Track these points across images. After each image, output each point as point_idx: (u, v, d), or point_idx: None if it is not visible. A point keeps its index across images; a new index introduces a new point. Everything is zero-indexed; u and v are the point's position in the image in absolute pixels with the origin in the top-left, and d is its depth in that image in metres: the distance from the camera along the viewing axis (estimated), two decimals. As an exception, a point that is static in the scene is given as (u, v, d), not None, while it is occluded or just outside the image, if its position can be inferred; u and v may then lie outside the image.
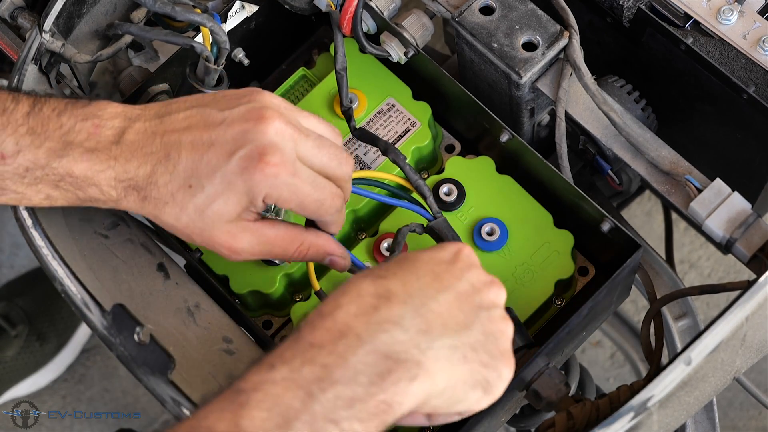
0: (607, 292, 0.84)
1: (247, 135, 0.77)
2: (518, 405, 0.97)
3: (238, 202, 0.77)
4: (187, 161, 0.77)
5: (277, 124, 0.77)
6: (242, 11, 0.98)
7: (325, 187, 0.79)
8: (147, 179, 0.78)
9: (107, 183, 0.79)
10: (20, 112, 0.79)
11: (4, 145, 0.78)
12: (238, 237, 0.79)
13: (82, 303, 0.85)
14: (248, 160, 0.76)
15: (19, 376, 1.72)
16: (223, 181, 0.77)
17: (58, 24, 0.91)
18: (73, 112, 0.79)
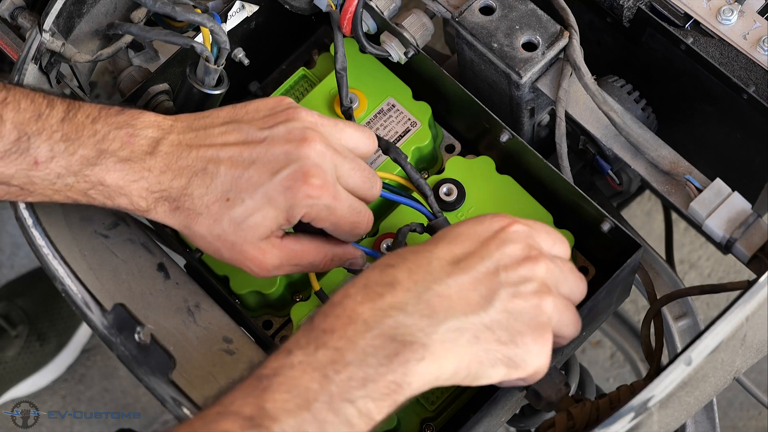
0: (607, 292, 0.84)
1: (291, 155, 0.79)
2: (518, 405, 0.97)
3: (275, 219, 0.79)
4: (227, 175, 0.79)
5: (319, 146, 0.79)
6: (242, 11, 0.98)
7: (360, 211, 0.82)
8: (181, 191, 0.79)
9: (138, 194, 0.80)
10: (55, 117, 0.79)
11: (39, 151, 0.78)
12: (268, 253, 0.81)
13: (83, 302, 0.85)
14: (292, 179, 0.78)
15: (20, 377, 1.72)
16: (264, 196, 0.78)
17: (58, 24, 0.91)
18: (107, 120, 0.80)
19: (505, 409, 0.89)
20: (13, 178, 0.79)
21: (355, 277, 0.73)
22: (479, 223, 0.76)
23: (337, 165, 0.81)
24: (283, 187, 0.78)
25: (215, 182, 0.79)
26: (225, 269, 0.90)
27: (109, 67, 1.01)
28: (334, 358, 0.68)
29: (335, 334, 0.69)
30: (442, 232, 0.76)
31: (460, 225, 0.76)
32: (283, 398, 0.67)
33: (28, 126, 0.78)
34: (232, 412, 0.67)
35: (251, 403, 0.67)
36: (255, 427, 0.66)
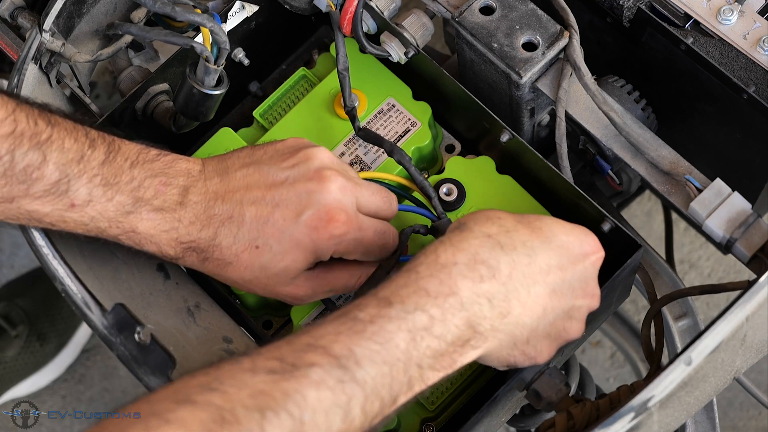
0: (607, 292, 0.84)
1: (312, 196, 0.80)
2: (518, 405, 0.97)
3: (305, 260, 0.81)
4: (252, 223, 0.80)
5: (340, 181, 0.81)
6: (242, 11, 0.98)
7: (385, 231, 0.84)
8: (210, 242, 0.81)
9: (167, 243, 0.81)
10: (96, 160, 0.80)
11: (77, 194, 0.79)
12: (302, 287, 0.83)
13: (83, 302, 0.85)
14: (317, 220, 0.80)
15: (20, 377, 1.72)
16: (291, 241, 0.80)
17: (58, 24, 0.91)
18: (144, 166, 0.81)
19: (505, 409, 0.89)
20: (47, 216, 0.80)
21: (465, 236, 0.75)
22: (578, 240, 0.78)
23: (357, 196, 0.82)
24: (309, 229, 0.80)
25: (242, 230, 0.81)
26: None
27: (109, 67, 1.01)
28: (427, 326, 0.72)
29: (434, 301, 0.72)
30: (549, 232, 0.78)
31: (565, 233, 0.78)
32: (373, 348, 0.70)
33: (70, 168, 0.78)
34: (321, 346, 0.69)
35: (342, 342, 0.69)
36: (341, 367, 0.68)
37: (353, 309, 0.72)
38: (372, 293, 0.73)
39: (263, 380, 0.67)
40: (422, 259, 0.74)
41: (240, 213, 0.81)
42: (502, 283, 0.74)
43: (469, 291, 0.73)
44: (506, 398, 0.84)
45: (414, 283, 0.73)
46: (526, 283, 0.75)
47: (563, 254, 0.77)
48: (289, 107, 0.97)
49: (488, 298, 0.74)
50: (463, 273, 0.74)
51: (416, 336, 0.71)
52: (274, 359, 0.68)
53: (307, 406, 0.66)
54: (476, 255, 0.74)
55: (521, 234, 0.76)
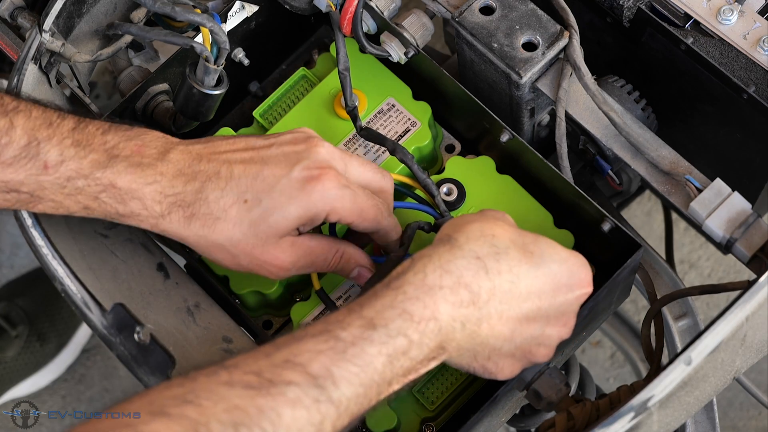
0: (607, 292, 0.84)
1: (301, 154, 0.80)
2: (518, 405, 0.97)
3: (297, 217, 0.79)
4: (241, 177, 0.79)
5: (327, 147, 0.81)
6: (242, 11, 0.98)
7: (378, 204, 0.83)
8: (196, 195, 0.79)
9: (152, 197, 0.79)
10: (66, 126, 0.79)
11: (49, 155, 0.78)
12: (287, 252, 0.81)
13: (82, 302, 0.85)
14: (307, 173, 0.79)
15: (20, 377, 1.72)
16: (282, 194, 0.79)
17: (58, 24, 0.91)
18: (117, 133, 0.80)
19: (505, 409, 0.89)
20: (23, 185, 0.79)
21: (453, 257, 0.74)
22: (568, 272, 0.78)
23: (346, 163, 0.82)
24: (300, 182, 0.79)
25: (230, 184, 0.79)
26: (225, 269, 0.90)
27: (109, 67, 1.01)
28: (405, 350, 0.72)
29: (416, 326, 0.72)
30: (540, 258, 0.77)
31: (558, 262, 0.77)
32: (352, 370, 0.70)
33: (39, 132, 0.78)
34: (299, 363, 0.69)
35: (321, 361, 0.69)
36: (318, 387, 0.68)
37: (335, 327, 0.71)
38: (356, 311, 0.72)
39: (239, 395, 0.66)
40: (410, 278, 0.74)
41: (228, 169, 0.79)
42: (479, 308, 0.74)
43: (448, 316, 0.73)
44: (506, 398, 0.84)
45: (400, 304, 0.72)
46: (500, 308, 0.75)
47: (547, 283, 0.77)
48: (289, 107, 0.97)
49: (462, 321, 0.74)
50: (446, 297, 0.73)
51: (394, 359, 0.71)
52: (252, 374, 0.68)
53: (281, 423, 0.66)
54: (461, 278, 0.74)
55: (510, 258, 0.76)
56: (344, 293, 0.89)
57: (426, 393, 0.86)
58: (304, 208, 0.79)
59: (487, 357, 0.77)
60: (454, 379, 0.86)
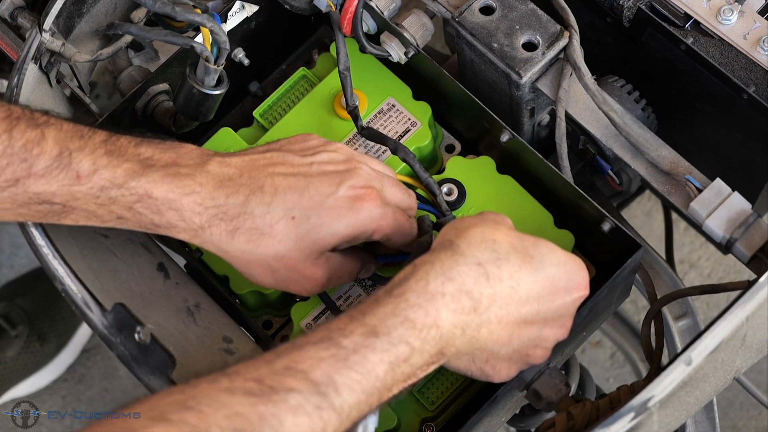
0: (607, 292, 0.84)
1: (344, 174, 0.80)
2: (518, 405, 0.97)
3: (344, 236, 0.79)
4: (287, 193, 0.78)
5: (366, 168, 0.81)
6: (242, 11, 0.98)
7: (408, 220, 0.84)
8: (240, 208, 0.77)
9: (191, 208, 0.77)
10: (98, 138, 0.78)
11: (81, 165, 0.76)
12: (323, 267, 0.81)
13: (83, 302, 0.85)
14: (353, 192, 0.79)
15: (20, 377, 1.72)
16: (331, 212, 0.78)
17: (58, 23, 0.91)
18: (150, 145, 0.79)
19: (505, 409, 0.89)
20: (56, 196, 0.77)
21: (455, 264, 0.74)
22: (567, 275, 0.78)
23: (382, 185, 0.82)
24: (348, 201, 0.79)
25: (276, 200, 0.78)
26: (225, 269, 0.90)
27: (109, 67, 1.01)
28: (407, 357, 0.72)
29: (418, 333, 0.72)
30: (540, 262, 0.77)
31: (557, 265, 0.77)
32: (354, 378, 0.69)
33: (71, 142, 0.77)
34: (301, 370, 0.69)
35: (323, 369, 0.69)
36: (319, 394, 0.68)
37: (337, 334, 0.71)
38: (358, 318, 0.72)
39: (240, 401, 0.66)
40: (413, 285, 0.74)
41: (272, 184, 0.78)
42: (479, 314, 0.74)
43: (449, 322, 0.73)
44: (506, 398, 0.84)
45: (402, 312, 0.72)
46: (500, 313, 0.75)
47: (546, 287, 0.77)
48: (289, 107, 0.97)
49: (463, 327, 0.74)
50: (448, 304, 0.73)
51: (395, 366, 0.72)
52: (253, 381, 0.68)
53: (283, 430, 0.66)
54: (463, 285, 0.74)
55: (511, 264, 0.76)
56: (344, 293, 0.89)
57: (426, 393, 0.86)
58: (353, 227, 0.79)
59: (485, 360, 0.78)
60: (454, 379, 0.86)
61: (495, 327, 0.75)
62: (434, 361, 0.74)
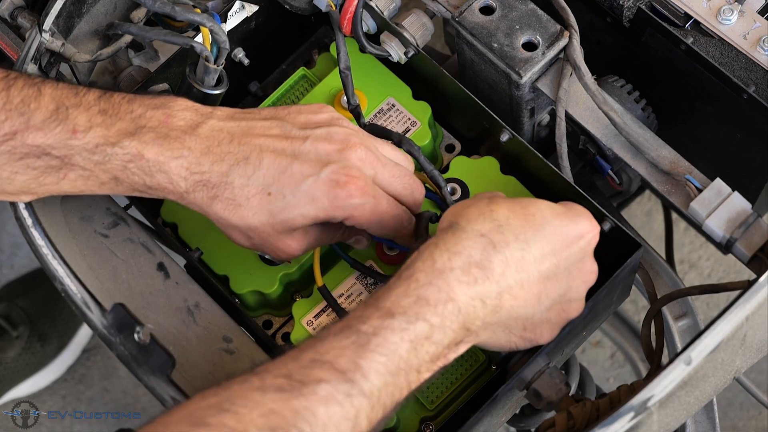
0: (607, 291, 0.84)
1: (332, 156, 0.80)
2: (518, 405, 0.97)
3: (314, 218, 0.80)
4: (269, 168, 0.79)
5: (360, 151, 0.81)
6: (242, 11, 0.98)
7: (400, 214, 0.83)
8: (221, 178, 0.79)
9: (178, 173, 0.79)
10: (92, 96, 0.80)
11: (77, 121, 0.79)
12: (298, 239, 0.82)
13: (82, 302, 0.85)
14: (335, 177, 0.79)
15: (20, 377, 1.72)
16: (307, 194, 0.79)
17: (58, 23, 0.91)
18: (143, 101, 0.81)
19: (505, 409, 0.89)
20: (53, 148, 0.79)
21: (458, 238, 0.75)
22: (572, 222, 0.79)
23: (377, 171, 0.82)
24: (326, 186, 0.79)
25: (257, 174, 0.79)
26: (225, 269, 0.90)
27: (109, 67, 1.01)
28: (428, 334, 0.73)
29: (434, 309, 0.73)
30: (542, 218, 0.78)
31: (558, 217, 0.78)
32: (378, 360, 0.71)
33: (67, 99, 0.79)
34: (327, 361, 0.70)
35: (348, 356, 0.70)
36: (348, 381, 0.69)
37: (355, 322, 0.72)
38: (373, 304, 0.73)
39: (273, 399, 0.67)
40: (420, 266, 0.75)
41: (258, 157, 0.79)
42: (495, 282, 0.75)
43: (465, 295, 0.74)
44: (506, 398, 0.84)
45: (414, 292, 0.73)
46: (518, 277, 0.76)
47: (556, 240, 0.77)
48: (289, 107, 0.97)
49: (482, 299, 0.75)
50: (459, 278, 0.74)
51: (417, 345, 0.72)
52: (282, 377, 0.69)
53: (317, 422, 0.67)
54: (470, 258, 0.75)
55: (513, 227, 0.76)
56: (346, 291, 0.90)
57: (426, 392, 0.86)
58: (323, 211, 0.80)
59: (522, 328, 0.78)
60: (454, 378, 0.86)
61: (518, 291, 0.76)
62: (461, 338, 0.75)
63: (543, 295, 0.77)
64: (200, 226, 0.91)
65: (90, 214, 0.89)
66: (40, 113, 0.79)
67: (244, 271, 0.90)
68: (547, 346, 0.81)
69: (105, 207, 0.90)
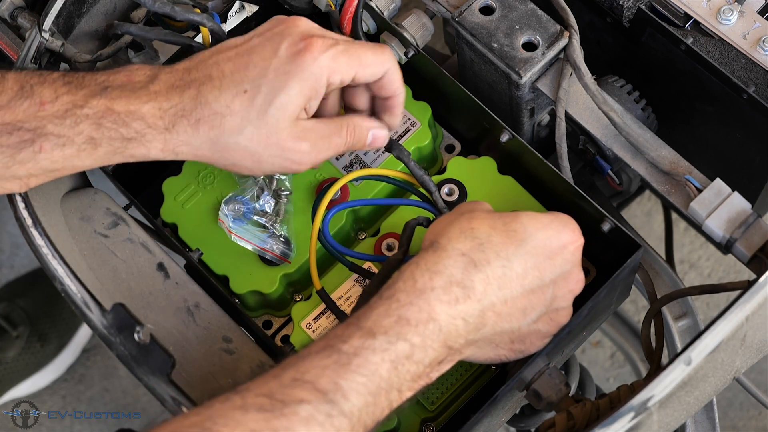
0: (607, 292, 0.84)
1: (283, 33, 0.79)
2: (518, 405, 0.97)
3: (300, 92, 0.78)
4: (233, 74, 0.78)
5: (304, 20, 0.80)
6: (242, 11, 0.98)
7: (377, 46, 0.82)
8: (194, 101, 0.78)
9: (152, 113, 0.78)
10: (55, 74, 0.80)
11: (43, 94, 0.79)
12: (303, 136, 0.80)
13: (82, 302, 0.85)
14: (294, 48, 0.78)
15: (20, 377, 1.72)
16: (278, 73, 0.78)
17: (58, 23, 0.91)
18: (105, 71, 0.81)
19: (505, 409, 0.89)
20: (24, 123, 0.79)
21: (439, 259, 0.75)
22: (555, 234, 0.78)
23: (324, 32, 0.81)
24: (290, 58, 0.78)
25: (225, 81, 0.78)
26: (225, 269, 0.90)
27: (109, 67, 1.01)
28: (409, 354, 0.73)
29: (415, 329, 0.73)
30: (524, 233, 0.77)
31: (541, 229, 0.78)
32: (359, 381, 0.71)
33: (30, 78, 0.80)
34: (308, 381, 0.70)
35: (328, 376, 0.70)
36: (329, 402, 0.70)
37: (336, 341, 0.73)
38: (354, 323, 0.73)
39: (254, 418, 0.68)
40: (401, 285, 0.75)
41: (218, 70, 0.79)
42: (477, 300, 0.75)
43: (446, 315, 0.74)
44: (506, 398, 0.84)
45: (395, 312, 0.74)
46: (501, 294, 0.76)
47: (539, 253, 0.77)
48: (289, 107, 0.97)
49: (463, 317, 0.75)
50: (440, 297, 0.74)
51: (398, 365, 0.73)
52: (263, 396, 0.69)
53: None
54: (451, 277, 0.75)
55: (495, 244, 0.77)
56: (345, 293, 0.89)
57: (426, 393, 0.86)
58: (303, 80, 0.78)
59: (509, 341, 0.78)
60: (454, 379, 0.86)
61: (501, 308, 0.76)
62: (443, 357, 0.75)
63: (528, 308, 0.77)
64: (200, 226, 0.91)
65: (90, 214, 0.89)
66: (5, 95, 0.79)
67: (244, 271, 0.90)
68: (547, 347, 0.81)
69: (105, 207, 0.90)
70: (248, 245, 0.89)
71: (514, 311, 0.77)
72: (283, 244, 0.89)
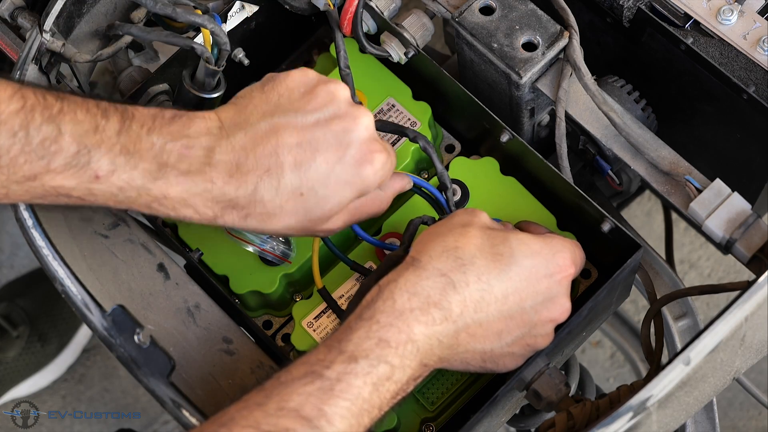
0: (607, 292, 0.84)
1: (350, 134, 0.80)
2: (518, 405, 0.97)
3: (350, 198, 0.80)
4: (293, 172, 0.79)
5: (366, 119, 0.81)
6: (242, 11, 0.98)
7: None
8: (250, 198, 0.79)
9: (203, 204, 0.79)
10: (112, 129, 0.77)
11: (99, 164, 0.76)
12: (339, 220, 0.82)
13: (83, 304, 0.85)
14: (360, 156, 0.79)
15: (20, 377, 1.72)
16: (338, 182, 0.79)
17: (58, 24, 0.91)
18: (162, 131, 0.78)
19: (505, 409, 0.89)
20: (74, 190, 0.78)
21: (418, 278, 0.76)
22: (544, 261, 0.79)
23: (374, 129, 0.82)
24: (355, 168, 0.79)
25: (283, 181, 0.78)
26: (225, 269, 0.90)
27: (109, 67, 1.01)
28: (389, 375, 0.74)
29: (395, 351, 0.75)
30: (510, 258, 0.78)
31: (530, 256, 0.78)
32: (342, 405, 0.72)
33: (87, 138, 0.76)
34: (293, 409, 0.71)
35: (312, 403, 0.71)
36: (313, 428, 0.71)
37: (319, 367, 0.73)
38: (335, 347, 0.74)
39: None
40: (380, 306, 0.76)
41: (277, 164, 0.78)
42: (453, 322, 0.76)
43: (423, 335, 0.76)
44: (506, 398, 0.84)
45: (375, 334, 0.75)
46: (476, 317, 0.77)
47: (523, 279, 0.78)
48: (289, 107, 0.97)
49: (438, 338, 0.76)
50: (418, 318, 0.75)
51: (379, 386, 0.74)
52: (250, 428, 0.70)
53: None
54: (429, 298, 0.76)
55: (477, 266, 0.77)
56: (346, 292, 0.90)
57: (426, 393, 0.86)
58: (359, 190, 0.81)
59: (481, 360, 0.79)
60: (454, 379, 0.86)
61: (476, 330, 0.77)
62: (418, 374, 0.76)
63: (504, 332, 0.78)
64: (200, 226, 0.91)
65: (90, 214, 0.89)
66: (61, 156, 0.76)
67: (244, 272, 0.90)
68: (547, 347, 0.81)
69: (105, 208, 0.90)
70: (248, 246, 0.89)
71: (489, 334, 0.77)
72: (283, 244, 0.89)
